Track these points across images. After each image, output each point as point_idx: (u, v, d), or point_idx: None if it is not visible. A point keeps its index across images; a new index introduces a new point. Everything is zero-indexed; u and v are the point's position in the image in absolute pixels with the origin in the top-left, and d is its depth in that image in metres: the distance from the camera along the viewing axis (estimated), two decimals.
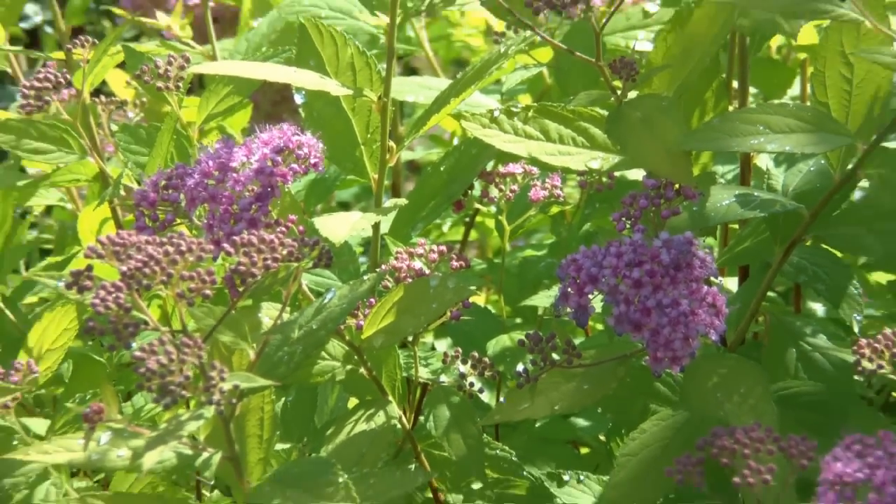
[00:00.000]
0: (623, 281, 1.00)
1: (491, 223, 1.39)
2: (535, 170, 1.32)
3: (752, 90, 1.24)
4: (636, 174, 1.08)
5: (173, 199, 1.06)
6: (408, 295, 1.08)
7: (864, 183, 1.08)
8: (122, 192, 1.31)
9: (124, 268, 0.93)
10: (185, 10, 1.42)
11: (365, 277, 1.05)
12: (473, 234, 1.45)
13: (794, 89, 1.46)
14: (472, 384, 1.16)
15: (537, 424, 1.27)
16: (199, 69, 1.29)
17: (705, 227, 1.07)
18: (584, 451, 1.36)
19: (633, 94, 1.07)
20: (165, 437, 0.96)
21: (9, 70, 1.49)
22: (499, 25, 1.55)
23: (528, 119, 1.07)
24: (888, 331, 0.96)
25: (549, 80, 1.42)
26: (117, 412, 0.99)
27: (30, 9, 1.99)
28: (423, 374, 1.19)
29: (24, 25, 2.02)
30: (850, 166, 1.05)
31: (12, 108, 1.35)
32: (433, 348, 1.23)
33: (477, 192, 1.34)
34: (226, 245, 0.97)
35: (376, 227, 1.23)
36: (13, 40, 1.47)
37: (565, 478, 1.21)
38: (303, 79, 1.17)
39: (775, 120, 1.01)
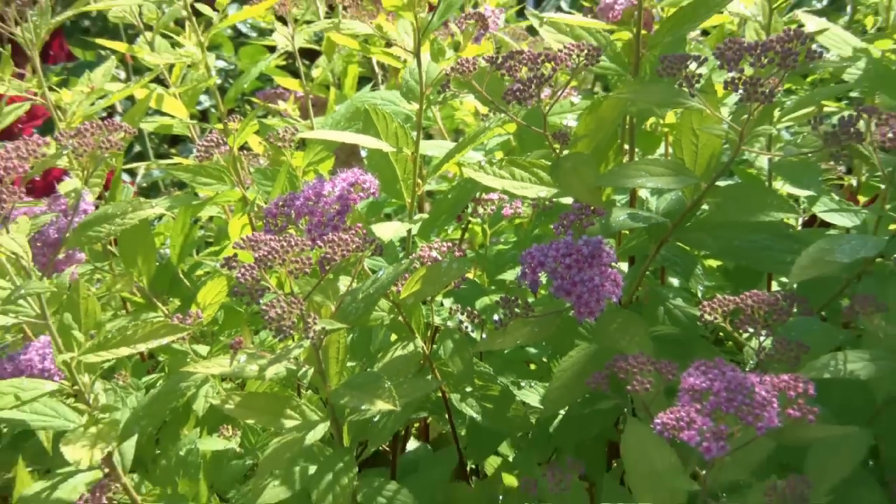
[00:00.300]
0: (559, 265, 1.00)
1: (478, 229, 1.38)
2: (506, 197, 1.32)
3: (636, 150, 1.23)
4: (567, 200, 1.07)
5: (287, 214, 1.06)
6: (428, 272, 1.08)
7: (705, 206, 1.07)
8: (256, 209, 1.31)
9: (256, 255, 0.92)
10: (295, 100, 1.42)
11: (402, 262, 1.04)
12: (467, 235, 1.44)
13: (661, 150, 1.45)
14: (466, 327, 1.16)
15: (506, 352, 1.26)
16: (302, 135, 1.28)
17: (609, 233, 1.07)
18: (533, 367, 1.35)
19: (565, 152, 1.06)
20: (280, 358, 0.96)
21: (189, 134, 1.49)
22: (483, 109, 1.55)
23: (501, 166, 1.07)
24: (719, 296, 0.96)
25: (514, 143, 1.41)
26: (250, 343, 0.99)
27: (202, 97, 1.98)
28: (437, 320, 1.19)
29: (198, 108, 2.02)
30: (696, 196, 1.04)
31: (190, 158, 1.35)
32: (442, 304, 1.23)
33: (470, 210, 1.34)
34: (318, 242, 0.96)
35: (409, 231, 1.22)
36: (191, 117, 1.46)
37: (522, 384, 1.21)
38: (366, 141, 1.17)
39: (651, 168, 1.01)
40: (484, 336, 1.17)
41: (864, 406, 0.92)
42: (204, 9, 1.54)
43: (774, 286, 1.27)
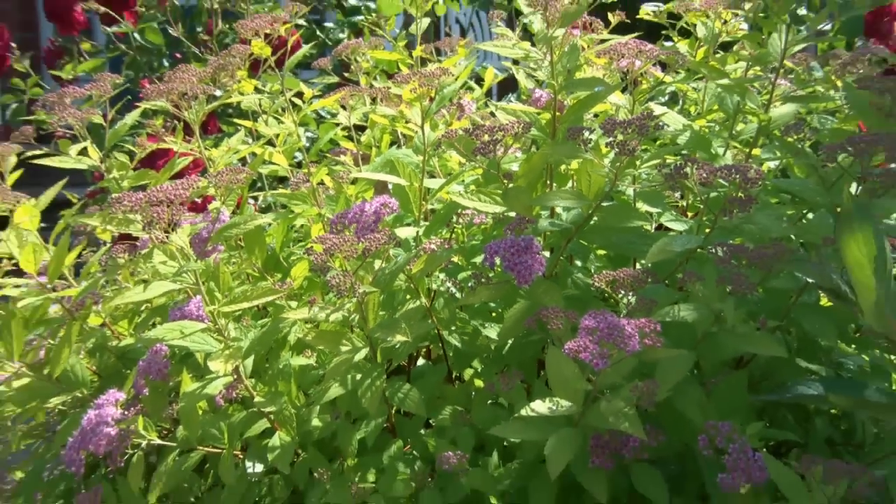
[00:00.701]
0: (507, 253, 0.97)
1: (460, 231, 1.35)
2: (475, 212, 1.29)
3: (554, 184, 1.20)
4: (512, 214, 1.05)
5: (343, 222, 1.03)
6: (429, 257, 1.05)
7: (595, 218, 1.04)
8: (325, 219, 1.27)
9: (325, 247, 0.90)
10: (351, 155, 1.38)
11: (413, 251, 1.01)
12: (453, 235, 1.41)
13: (569, 184, 1.41)
14: (452, 290, 1.13)
15: (476, 305, 1.23)
16: (354, 175, 1.25)
17: (537, 234, 1.04)
18: (493, 315, 1.32)
19: (511, 185, 1.03)
20: (338, 309, 0.94)
21: (288, 175, 1.45)
22: (463, 160, 1.51)
23: (473, 193, 1.04)
24: (604, 272, 0.94)
25: (481, 180, 1.38)
26: (321, 300, 0.96)
27: (296, 154, 1.91)
28: (433, 286, 1.16)
29: (294, 160, 1.93)
30: (590, 212, 1.01)
31: (289, 189, 1.31)
32: (438, 276, 1.20)
33: (454, 219, 1.30)
34: (362, 239, 0.93)
35: (418, 233, 1.19)
36: (290, 165, 1.43)
37: (486, 325, 1.18)
38: (392, 179, 1.14)
39: (563, 195, 0.98)
40: (463, 296, 1.14)
41: (690, 338, 0.90)
42: (297, 101, 1.52)
43: (638, 266, 1.24)
